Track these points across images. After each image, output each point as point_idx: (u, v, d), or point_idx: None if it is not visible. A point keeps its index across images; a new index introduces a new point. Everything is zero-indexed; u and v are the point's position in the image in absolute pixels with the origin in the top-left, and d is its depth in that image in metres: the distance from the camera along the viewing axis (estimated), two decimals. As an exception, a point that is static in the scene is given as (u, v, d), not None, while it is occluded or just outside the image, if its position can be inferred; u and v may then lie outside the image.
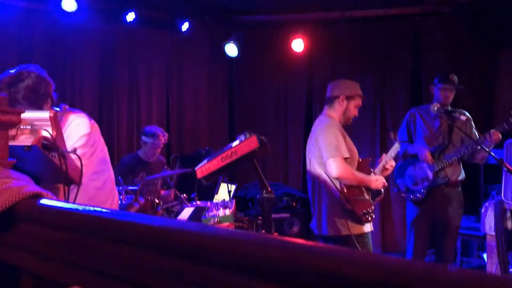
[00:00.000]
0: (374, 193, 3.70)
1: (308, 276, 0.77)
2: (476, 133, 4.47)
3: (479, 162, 4.62)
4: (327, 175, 3.53)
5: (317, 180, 3.69)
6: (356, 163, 3.68)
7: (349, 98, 3.72)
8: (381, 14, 6.64)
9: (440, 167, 4.47)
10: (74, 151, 2.18)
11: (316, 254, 0.79)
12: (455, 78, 4.57)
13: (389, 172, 3.89)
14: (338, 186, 3.54)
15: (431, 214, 4.56)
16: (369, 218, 3.58)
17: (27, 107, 2.36)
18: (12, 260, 1.35)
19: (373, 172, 3.76)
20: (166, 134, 5.61)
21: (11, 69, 2.49)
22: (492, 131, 4.23)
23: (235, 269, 0.86)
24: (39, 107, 2.46)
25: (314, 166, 3.67)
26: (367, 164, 3.78)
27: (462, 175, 4.58)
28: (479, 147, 4.27)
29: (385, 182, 3.70)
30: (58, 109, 2.63)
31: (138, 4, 6.30)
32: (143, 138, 5.58)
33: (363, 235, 3.58)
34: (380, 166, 3.82)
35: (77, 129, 2.58)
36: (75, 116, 2.66)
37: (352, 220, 3.52)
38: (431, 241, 4.67)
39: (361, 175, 3.59)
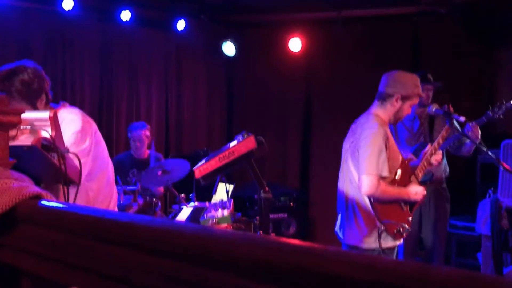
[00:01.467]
0: (413, 202, 3.40)
1: (305, 277, 0.78)
2: (458, 127, 4.46)
3: (466, 154, 4.51)
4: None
5: (351, 185, 3.35)
6: (398, 167, 3.34)
7: (405, 98, 3.31)
8: (379, 14, 6.65)
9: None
10: (67, 150, 2.19)
11: (312, 255, 0.79)
12: (430, 76, 4.57)
13: (436, 163, 3.59)
14: (370, 202, 3.25)
15: (419, 213, 4.55)
16: (403, 235, 3.28)
17: (19, 101, 2.39)
18: (12, 261, 1.36)
19: (414, 174, 3.43)
20: (147, 126, 5.66)
21: (10, 64, 2.48)
22: (472, 123, 4.15)
23: (233, 271, 0.87)
24: (32, 102, 2.45)
25: (350, 169, 3.34)
26: (408, 168, 3.44)
27: (446, 172, 4.57)
28: (461, 137, 4.21)
29: (425, 192, 3.36)
30: (55, 106, 2.62)
31: (136, 4, 6.30)
32: (127, 134, 5.67)
33: (390, 249, 3.32)
34: (424, 162, 3.50)
35: (68, 127, 2.49)
36: (67, 112, 2.59)
37: (382, 235, 3.23)
38: (421, 240, 4.68)
39: (396, 192, 3.27)
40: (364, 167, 3.17)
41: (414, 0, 6.36)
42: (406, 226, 3.27)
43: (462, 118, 4.27)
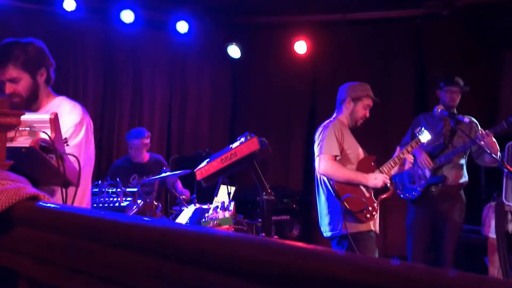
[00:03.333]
0: (379, 190, 3.66)
1: (308, 280, 0.76)
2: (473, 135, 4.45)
3: (489, 165, 4.53)
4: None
5: (316, 179, 3.77)
6: (357, 162, 3.71)
7: (355, 99, 3.83)
8: (383, 16, 6.64)
9: (437, 165, 4.46)
10: (65, 141, 2.16)
11: (316, 258, 0.78)
12: (460, 80, 4.58)
13: (406, 167, 3.89)
14: (330, 183, 3.59)
15: (430, 217, 4.54)
16: (368, 216, 3.54)
17: (19, 68, 2.43)
18: (9, 263, 1.34)
19: (379, 169, 3.73)
20: (146, 134, 5.57)
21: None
22: (486, 131, 4.19)
23: (235, 273, 0.86)
24: (31, 72, 2.49)
25: (315, 165, 3.75)
26: (370, 162, 3.77)
27: (464, 179, 4.56)
28: (471, 145, 4.29)
29: (387, 179, 3.66)
30: (55, 94, 2.65)
31: (139, 6, 6.30)
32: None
33: (362, 233, 3.55)
34: (390, 162, 3.80)
35: (69, 116, 2.50)
36: (68, 102, 2.62)
37: (349, 218, 3.51)
38: (431, 244, 4.65)
39: (352, 173, 3.60)
40: (318, 149, 3.65)
41: (418, 3, 6.35)
42: (373, 206, 3.56)
43: (467, 120, 4.26)
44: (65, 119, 2.43)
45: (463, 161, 4.57)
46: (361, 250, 3.46)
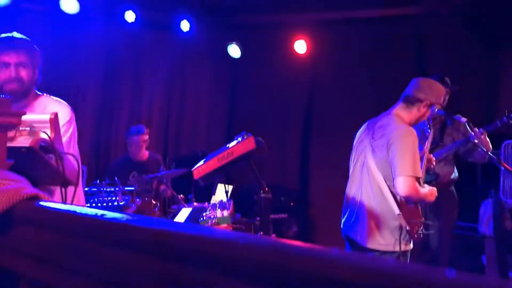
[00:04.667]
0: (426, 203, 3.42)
1: (307, 279, 0.77)
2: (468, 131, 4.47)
3: (479, 161, 4.55)
4: (391, 191, 3.19)
5: (370, 185, 3.29)
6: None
7: (431, 105, 3.33)
8: (383, 15, 6.63)
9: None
10: (65, 152, 2.16)
11: (314, 258, 0.78)
12: (448, 80, 4.58)
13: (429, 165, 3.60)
14: (398, 202, 3.20)
15: (424, 215, 4.54)
16: (421, 236, 3.27)
17: (28, 57, 2.58)
18: (9, 263, 1.34)
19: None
20: (145, 131, 5.58)
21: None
22: (480, 129, 4.17)
23: (233, 273, 0.86)
24: (34, 68, 2.63)
25: (371, 169, 3.27)
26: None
27: (455, 174, 4.57)
28: (467, 143, 4.26)
29: (436, 193, 3.34)
30: (39, 93, 2.70)
31: (140, 5, 6.28)
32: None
33: (406, 252, 3.28)
34: (424, 161, 3.47)
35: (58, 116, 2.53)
36: (53, 101, 2.66)
37: (403, 237, 3.20)
38: (427, 242, 4.66)
39: (426, 193, 3.24)
40: (401, 168, 3.10)
41: (417, 1, 6.35)
42: (423, 227, 3.25)
43: (464, 119, 4.26)
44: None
45: (452, 157, 4.59)
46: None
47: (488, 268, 4.59)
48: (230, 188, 5.48)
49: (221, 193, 4.96)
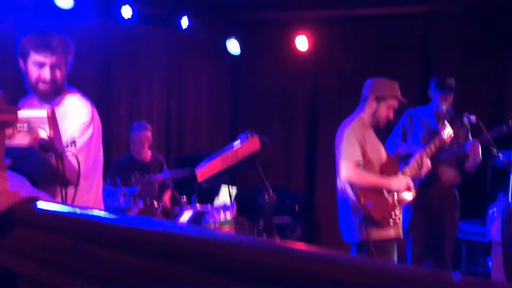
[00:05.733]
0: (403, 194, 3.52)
1: (310, 282, 0.76)
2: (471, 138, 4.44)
3: (468, 170, 4.52)
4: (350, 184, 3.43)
5: (338, 184, 3.57)
6: (380, 165, 3.53)
7: (379, 99, 3.55)
8: (389, 13, 6.60)
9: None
10: (73, 142, 2.13)
11: (318, 261, 0.79)
12: (452, 81, 4.54)
13: (425, 170, 3.69)
14: (352, 190, 3.41)
15: (427, 218, 4.51)
16: (391, 223, 3.40)
17: (63, 58, 2.53)
18: (8, 265, 1.33)
19: (402, 172, 3.58)
20: (148, 126, 5.52)
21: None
22: (474, 140, 4.15)
23: (235, 275, 0.85)
24: (67, 67, 2.58)
25: (338, 168, 3.55)
26: (394, 165, 3.62)
27: (458, 178, 4.55)
28: (459, 152, 4.27)
29: (410, 183, 3.49)
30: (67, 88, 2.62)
31: (138, 1, 6.25)
32: (127, 135, 5.61)
33: (384, 242, 3.39)
34: (414, 164, 3.63)
35: (78, 114, 2.43)
36: (77, 100, 2.53)
37: (371, 225, 3.34)
38: (431, 245, 4.62)
39: (375, 178, 3.44)
40: (341, 155, 3.45)
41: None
42: (395, 212, 3.41)
43: (473, 118, 4.22)
44: (74, 117, 2.38)
45: (454, 160, 4.56)
46: (382, 257, 3.36)
47: (494, 272, 4.54)
48: (234, 189, 5.46)
49: (224, 195, 4.93)
